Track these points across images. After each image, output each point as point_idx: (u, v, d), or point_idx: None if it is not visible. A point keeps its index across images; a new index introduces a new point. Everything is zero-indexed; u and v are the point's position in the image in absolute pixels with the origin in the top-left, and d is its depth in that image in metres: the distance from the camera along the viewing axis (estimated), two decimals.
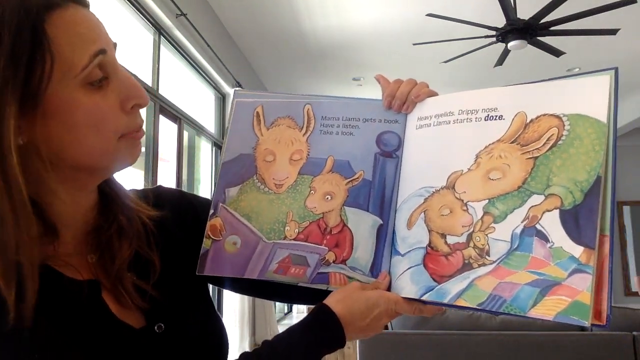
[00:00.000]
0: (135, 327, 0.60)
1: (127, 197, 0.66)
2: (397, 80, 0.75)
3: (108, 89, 0.56)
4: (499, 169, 0.64)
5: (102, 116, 0.54)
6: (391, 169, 0.73)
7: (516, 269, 0.59)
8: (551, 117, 0.63)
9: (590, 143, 0.59)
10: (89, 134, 0.54)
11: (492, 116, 0.67)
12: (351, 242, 0.71)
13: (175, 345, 0.62)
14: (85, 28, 0.53)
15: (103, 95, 0.55)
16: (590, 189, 0.58)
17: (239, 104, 0.77)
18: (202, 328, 0.67)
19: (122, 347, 0.58)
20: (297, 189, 0.73)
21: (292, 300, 0.86)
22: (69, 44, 0.51)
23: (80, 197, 0.60)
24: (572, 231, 0.57)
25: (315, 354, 0.61)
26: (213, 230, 0.72)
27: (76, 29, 0.52)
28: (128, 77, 0.58)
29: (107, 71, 0.55)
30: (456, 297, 0.62)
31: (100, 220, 0.63)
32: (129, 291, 0.60)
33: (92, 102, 0.54)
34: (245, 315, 4.04)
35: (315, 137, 0.75)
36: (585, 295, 0.54)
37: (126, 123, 0.57)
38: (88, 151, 0.55)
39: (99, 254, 0.62)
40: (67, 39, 0.51)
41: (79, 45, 0.52)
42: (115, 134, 0.57)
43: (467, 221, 0.65)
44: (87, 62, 0.52)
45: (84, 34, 0.53)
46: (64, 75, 0.51)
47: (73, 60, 0.51)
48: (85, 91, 0.53)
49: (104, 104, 0.55)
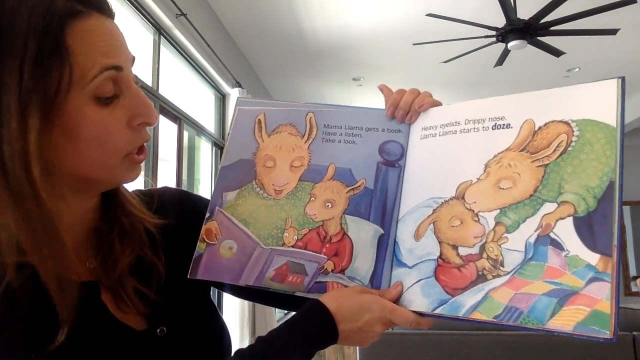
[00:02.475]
0: (137, 329, 0.60)
1: (130, 203, 0.65)
2: (400, 90, 0.75)
3: (118, 104, 0.55)
4: (509, 178, 0.63)
5: (107, 132, 0.54)
6: (393, 178, 0.72)
7: (532, 279, 0.58)
8: (559, 124, 0.62)
9: (601, 148, 0.58)
10: (92, 148, 0.53)
11: (499, 125, 0.66)
12: (351, 252, 0.70)
13: (177, 348, 0.62)
14: (103, 40, 0.53)
15: (111, 110, 0.54)
16: (603, 194, 0.57)
17: (240, 111, 0.77)
18: (204, 331, 0.67)
19: (124, 349, 0.58)
20: (297, 196, 0.72)
21: (292, 307, 0.85)
22: (83, 53, 0.50)
23: (80, 201, 0.60)
24: (587, 239, 0.56)
25: (307, 347, 0.61)
26: (208, 234, 0.71)
27: (93, 39, 0.51)
28: (140, 94, 0.57)
29: (120, 88, 0.55)
30: (471, 310, 0.60)
31: (102, 223, 0.63)
32: (131, 296, 0.60)
33: (99, 117, 0.53)
34: (245, 315, 4.03)
35: (317, 144, 0.74)
36: (605, 304, 0.53)
37: (131, 139, 0.57)
38: (88, 164, 0.55)
39: (100, 258, 0.61)
40: (83, 47, 0.50)
41: (94, 55, 0.51)
42: (119, 152, 0.56)
43: (479, 232, 0.63)
44: (97, 72, 0.51)
45: (101, 45, 0.52)
46: (75, 84, 0.50)
47: (85, 69, 0.51)
48: (94, 105, 0.52)
49: (110, 119, 0.54)
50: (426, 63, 4.96)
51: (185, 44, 3.48)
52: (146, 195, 0.71)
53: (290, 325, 0.62)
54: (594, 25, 3.57)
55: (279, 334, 0.61)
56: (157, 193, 0.73)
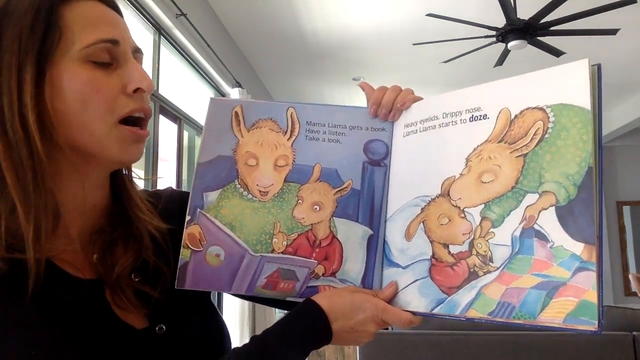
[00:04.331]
0: (137, 327, 0.60)
1: (138, 206, 0.66)
2: (381, 87, 0.74)
3: (114, 73, 0.58)
4: (490, 171, 0.63)
5: (97, 91, 0.56)
6: (380, 178, 0.71)
7: (520, 273, 0.58)
8: (535, 110, 0.61)
9: (577, 133, 0.57)
10: (80, 107, 0.55)
11: (476, 116, 0.66)
12: (340, 255, 0.69)
13: (176, 346, 0.63)
14: (100, 19, 0.58)
15: (105, 74, 0.57)
16: (583, 181, 0.56)
17: (214, 101, 0.73)
18: (203, 330, 0.67)
19: (123, 347, 0.58)
20: (283, 198, 0.70)
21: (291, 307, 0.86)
22: (79, 25, 0.56)
23: (85, 189, 0.60)
24: (570, 228, 0.56)
25: (302, 345, 0.61)
26: (192, 240, 0.68)
27: (90, 17, 0.57)
28: (137, 67, 0.59)
29: (117, 60, 0.58)
30: (467, 308, 0.60)
31: (107, 223, 0.63)
32: (129, 296, 0.61)
33: (89, 77, 0.56)
34: (245, 315, 4.03)
35: (300, 142, 0.72)
36: (592, 293, 0.53)
37: (124, 103, 0.58)
38: (78, 128, 0.56)
39: (101, 255, 0.61)
40: (79, 21, 0.56)
41: (89, 28, 0.56)
42: (112, 114, 0.57)
43: (466, 228, 0.63)
44: (92, 41, 0.56)
45: (97, 23, 0.57)
46: (68, 49, 0.55)
47: (79, 39, 0.55)
48: (86, 66, 0.56)
49: (103, 81, 0.56)
50: (426, 63, 4.96)
51: (185, 44, 3.49)
52: (152, 196, 0.71)
53: (284, 324, 0.62)
54: (594, 25, 3.56)
55: (274, 332, 0.61)
56: (164, 194, 0.73)
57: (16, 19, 0.54)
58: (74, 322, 0.55)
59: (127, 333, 0.59)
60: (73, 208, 0.59)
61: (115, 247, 0.62)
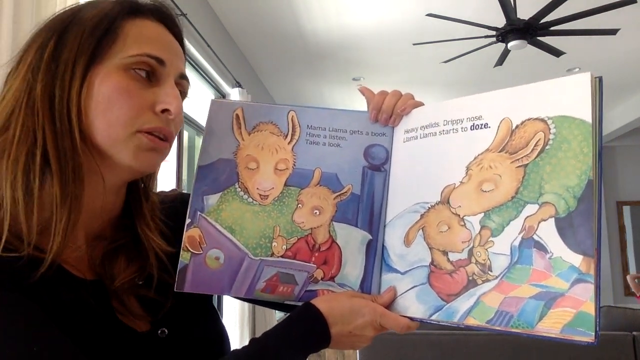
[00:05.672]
0: (139, 330, 0.61)
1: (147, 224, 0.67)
2: (381, 92, 0.73)
3: (150, 89, 0.60)
4: (490, 180, 0.63)
5: (125, 97, 0.58)
6: (379, 183, 0.71)
7: (519, 283, 0.58)
8: (536, 121, 0.62)
9: (578, 145, 0.58)
10: (107, 109, 0.58)
11: (477, 125, 0.66)
12: (339, 259, 0.69)
13: (177, 350, 0.63)
14: (155, 39, 0.61)
15: (141, 87, 0.59)
16: (583, 194, 0.56)
17: (215, 103, 0.73)
18: (204, 333, 0.68)
19: (125, 350, 0.58)
20: (283, 202, 0.70)
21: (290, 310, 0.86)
22: (134, 37, 0.60)
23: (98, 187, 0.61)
24: (569, 239, 0.56)
25: (300, 349, 0.61)
26: (192, 243, 0.67)
27: (147, 34, 0.61)
28: (174, 91, 0.61)
29: (158, 78, 0.60)
30: (465, 316, 0.61)
31: (109, 231, 0.64)
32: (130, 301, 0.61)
33: (124, 83, 0.58)
34: (245, 315, 4.03)
35: (301, 146, 0.72)
36: (589, 305, 0.53)
37: (148, 118, 0.59)
38: (101, 128, 0.58)
39: (100, 261, 0.62)
40: (135, 35, 0.60)
41: (142, 43, 0.60)
42: (133, 124, 0.59)
43: (466, 236, 0.63)
44: (136, 53, 0.59)
45: (151, 40, 0.61)
46: (115, 55, 0.59)
47: (129, 48, 0.59)
48: (124, 73, 0.58)
49: (136, 92, 0.59)
50: (426, 63, 4.96)
51: (185, 44, 3.48)
52: (165, 202, 0.73)
53: (283, 328, 0.62)
54: (594, 25, 3.57)
55: (273, 335, 0.61)
56: (179, 199, 0.74)
57: (83, 20, 0.59)
58: (75, 321, 0.55)
59: (129, 336, 0.59)
60: (88, 209, 0.60)
61: (116, 257, 0.63)
